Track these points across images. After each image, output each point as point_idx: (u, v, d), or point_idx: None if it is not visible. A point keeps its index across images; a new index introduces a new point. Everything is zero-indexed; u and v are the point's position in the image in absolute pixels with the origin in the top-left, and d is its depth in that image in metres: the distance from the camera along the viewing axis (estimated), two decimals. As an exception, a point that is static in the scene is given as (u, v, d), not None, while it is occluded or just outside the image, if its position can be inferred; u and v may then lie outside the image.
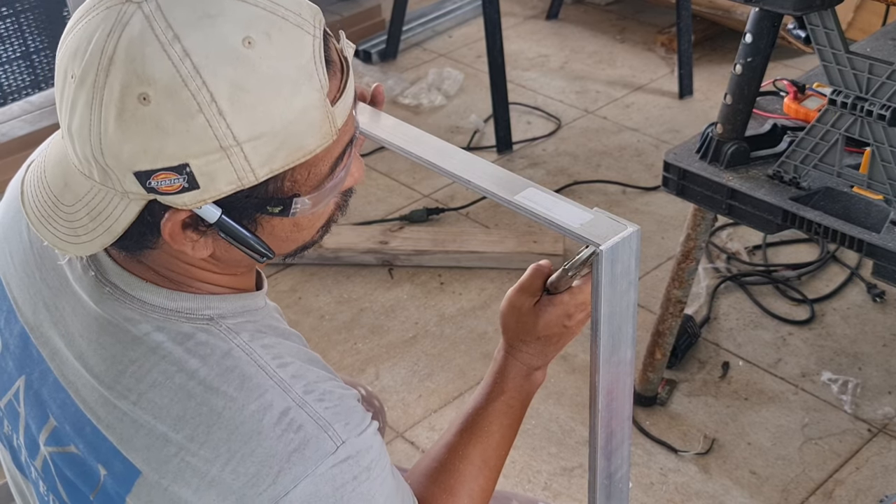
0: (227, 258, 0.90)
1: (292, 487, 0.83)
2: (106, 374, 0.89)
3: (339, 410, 0.88)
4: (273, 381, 0.87)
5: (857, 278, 2.46)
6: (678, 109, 3.23)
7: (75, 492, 0.94)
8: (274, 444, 0.84)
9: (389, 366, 2.29)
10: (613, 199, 2.81)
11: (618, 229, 0.90)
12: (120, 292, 0.90)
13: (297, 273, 2.58)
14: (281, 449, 0.84)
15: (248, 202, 0.83)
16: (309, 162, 0.83)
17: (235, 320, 0.91)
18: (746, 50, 1.71)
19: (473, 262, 2.57)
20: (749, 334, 2.32)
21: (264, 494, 0.83)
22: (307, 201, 0.85)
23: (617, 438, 1.01)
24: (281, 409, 0.85)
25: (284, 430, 0.84)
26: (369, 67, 3.49)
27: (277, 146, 0.80)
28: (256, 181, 0.81)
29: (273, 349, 0.89)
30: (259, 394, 0.86)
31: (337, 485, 0.85)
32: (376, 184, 2.91)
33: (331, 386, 0.90)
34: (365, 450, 0.88)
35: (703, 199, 1.83)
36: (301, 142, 0.81)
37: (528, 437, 2.09)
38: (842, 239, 1.66)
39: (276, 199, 0.84)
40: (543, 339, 1.08)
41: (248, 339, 0.89)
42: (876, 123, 1.59)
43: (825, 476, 1.98)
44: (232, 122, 0.78)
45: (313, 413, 0.86)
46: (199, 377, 0.86)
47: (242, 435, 0.84)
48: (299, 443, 0.84)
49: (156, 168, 0.78)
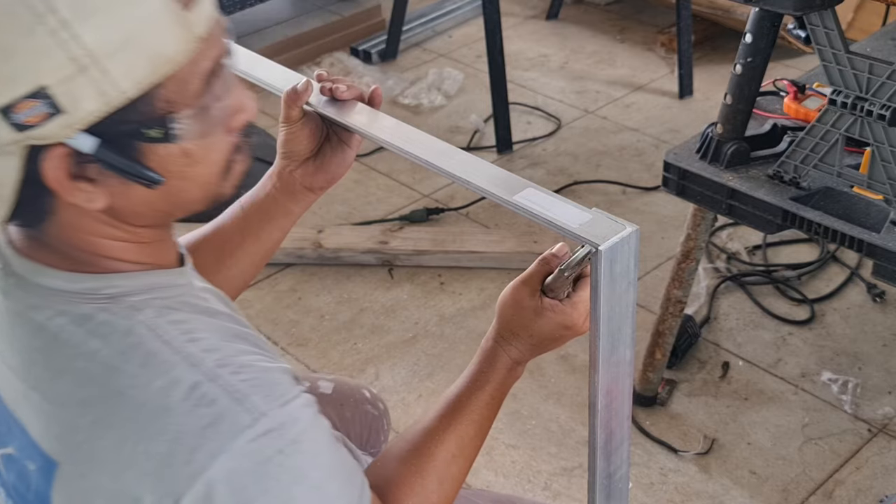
0: (126, 209, 0.87)
1: (210, 464, 0.80)
2: (20, 367, 0.88)
3: (258, 382, 0.84)
4: (180, 357, 0.83)
5: (857, 278, 2.46)
6: (678, 109, 3.23)
7: (20, 494, 0.92)
8: (185, 420, 0.81)
9: (389, 366, 2.29)
10: (613, 199, 2.81)
11: (617, 229, 0.90)
12: (23, 281, 0.88)
13: (297, 273, 2.58)
14: (193, 424, 0.81)
15: (125, 128, 0.81)
16: (177, 76, 0.81)
17: (139, 297, 0.87)
18: (746, 50, 1.71)
19: (473, 262, 2.57)
20: (749, 334, 2.32)
21: (181, 473, 0.80)
22: (187, 121, 0.83)
23: (616, 438, 1.01)
24: (190, 384, 0.82)
25: (195, 405, 0.81)
26: (369, 67, 3.49)
27: (134, 54, 0.78)
28: (124, 97, 0.78)
29: (183, 325, 0.86)
30: (164, 370, 0.82)
31: (259, 460, 0.81)
32: (376, 184, 2.91)
33: (252, 359, 0.86)
34: (290, 422, 0.84)
35: (703, 199, 1.83)
36: (158, 48, 0.79)
37: (528, 437, 2.09)
38: (842, 239, 1.66)
39: (152, 119, 0.81)
40: (537, 340, 1.06)
41: (152, 315, 0.86)
42: (876, 123, 1.59)
43: (825, 476, 1.98)
44: (78, 31, 0.76)
45: (227, 385, 0.82)
46: (99, 358, 0.84)
47: (149, 413, 0.81)
48: (213, 417, 0.81)
49: (15, 98, 0.76)
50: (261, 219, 1.21)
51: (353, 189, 2.88)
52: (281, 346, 2.36)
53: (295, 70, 1.18)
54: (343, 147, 1.19)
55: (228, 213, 1.23)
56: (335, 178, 1.20)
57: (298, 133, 1.15)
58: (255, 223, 1.21)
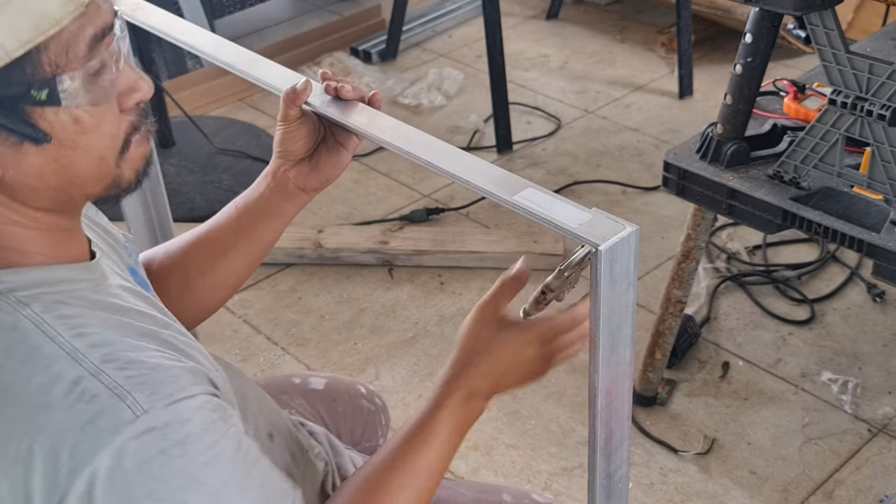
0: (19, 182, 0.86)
1: (89, 460, 0.79)
2: None
3: (144, 380, 0.82)
4: (64, 351, 0.82)
5: (857, 278, 2.46)
6: (678, 109, 3.23)
7: None
8: (64, 417, 0.80)
9: (389, 366, 2.29)
10: (613, 199, 2.81)
11: (616, 229, 0.90)
12: None
13: (297, 273, 2.58)
14: (73, 421, 0.79)
15: (11, 90, 0.81)
16: (62, 38, 0.82)
17: (28, 292, 0.86)
18: (746, 50, 1.71)
19: (473, 262, 2.57)
20: (749, 334, 2.32)
21: (63, 470, 0.79)
22: (74, 85, 0.83)
23: (616, 438, 1.01)
24: (71, 379, 0.81)
25: (75, 401, 0.80)
26: (369, 67, 3.49)
27: (17, 13, 0.79)
28: (7, 57, 0.79)
29: (72, 319, 0.85)
30: (46, 365, 0.81)
31: (140, 460, 0.79)
32: (376, 184, 2.91)
33: (147, 356, 0.84)
34: (177, 422, 0.81)
35: (703, 199, 1.83)
36: (41, 6, 0.80)
37: (528, 437, 2.09)
38: (842, 239, 1.66)
39: (38, 81, 0.81)
40: (495, 364, 1.03)
41: (39, 310, 0.84)
42: (876, 123, 1.59)
43: (825, 476, 1.98)
44: None
45: (109, 382, 0.81)
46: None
47: (31, 409, 0.80)
48: (92, 413, 0.80)
49: None
50: (253, 218, 1.20)
51: (353, 189, 2.88)
52: (281, 346, 2.36)
53: (295, 70, 1.18)
54: (339, 149, 1.19)
55: (223, 212, 1.22)
56: (329, 179, 1.20)
57: (295, 132, 1.15)
58: (247, 222, 1.21)
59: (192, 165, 2.91)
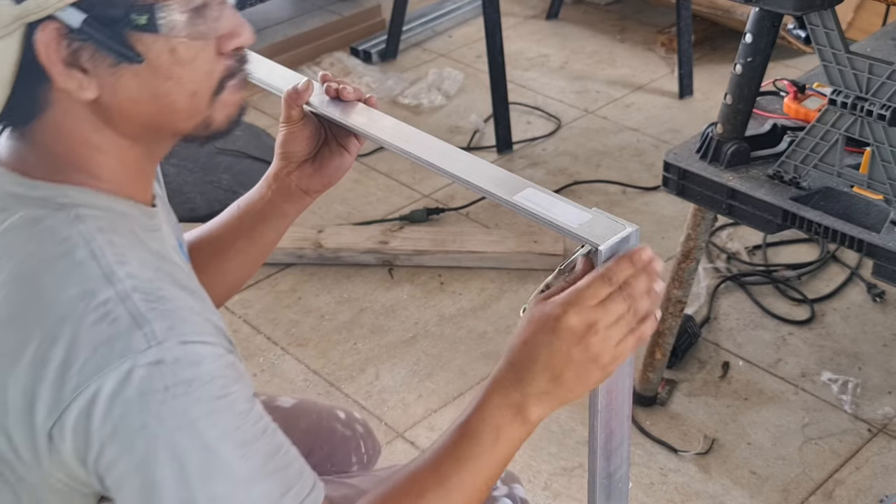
0: (114, 105, 0.89)
1: (96, 380, 0.80)
2: None
3: (166, 314, 0.83)
4: (102, 272, 0.84)
5: (857, 278, 2.46)
6: (678, 109, 3.23)
7: None
8: (85, 332, 0.81)
9: (389, 366, 2.29)
10: (613, 199, 2.81)
11: (616, 229, 0.90)
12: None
13: (297, 273, 2.58)
14: (90, 338, 0.81)
15: (112, 11, 0.84)
16: None
17: (89, 211, 0.89)
18: (746, 50, 1.71)
19: (473, 262, 2.57)
20: (749, 334, 2.32)
21: (70, 383, 0.80)
22: (175, 14, 0.86)
23: (616, 438, 1.01)
24: (101, 299, 0.82)
25: (98, 320, 0.82)
26: (369, 67, 3.49)
27: None
28: None
29: (119, 248, 0.86)
30: (83, 280, 0.83)
31: (143, 389, 0.80)
32: (376, 184, 2.91)
33: (175, 297, 0.85)
34: (187, 362, 0.81)
35: (703, 199, 1.83)
36: None
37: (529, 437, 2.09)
38: (842, 239, 1.66)
39: (139, 6, 0.84)
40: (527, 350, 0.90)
41: (93, 230, 0.87)
42: (876, 123, 1.59)
43: (825, 476, 1.98)
44: None
45: (132, 308, 0.82)
46: (31, 261, 0.85)
47: (57, 318, 0.82)
48: (109, 335, 0.81)
49: None
50: (254, 218, 1.21)
51: (353, 189, 2.88)
52: (281, 346, 2.36)
53: (295, 70, 1.18)
54: (341, 151, 1.19)
55: (224, 213, 1.23)
56: (331, 181, 1.20)
57: (298, 134, 1.16)
58: (248, 222, 1.21)
59: (192, 165, 2.91)
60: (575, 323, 0.88)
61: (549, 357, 0.89)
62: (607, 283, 0.89)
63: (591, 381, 0.91)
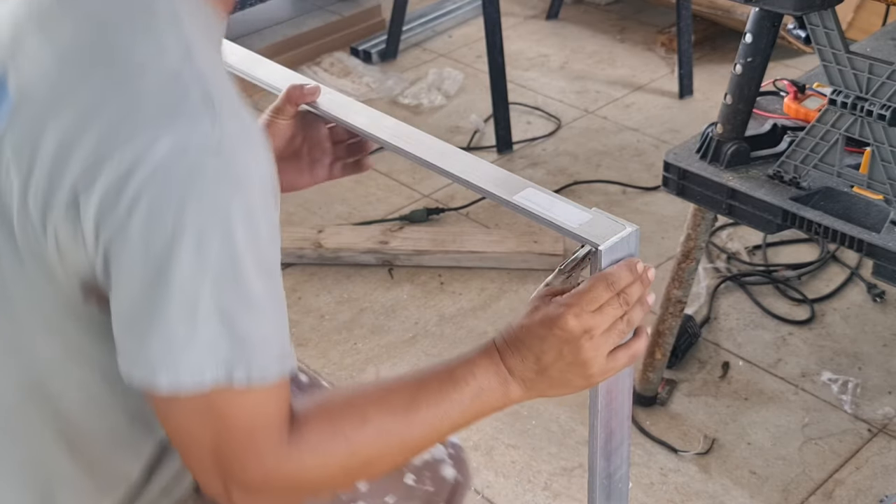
0: None
1: (150, 143, 0.75)
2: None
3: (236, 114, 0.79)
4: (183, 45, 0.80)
5: (857, 278, 2.46)
6: (678, 109, 3.23)
7: None
8: (152, 94, 0.77)
9: (389, 366, 2.29)
10: (613, 199, 2.81)
11: (616, 229, 0.91)
12: None
13: (297, 273, 2.58)
14: (156, 100, 0.77)
15: None
16: None
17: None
18: (746, 50, 1.71)
19: (473, 262, 2.57)
20: (749, 334, 2.32)
21: (117, 140, 0.76)
22: None
23: (616, 438, 1.02)
24: (175, 70, 0.78)
25: (169, 85, 0.78)
26: (369, 67, 3.49)
27: None
28: None
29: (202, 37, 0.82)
30: (159, 50, 0.79)
31: (193, 168, 0.76)
32: (376, 184, 2.91)
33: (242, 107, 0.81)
34: (244, 165, 0.78)
35: (703, 199, 1.83)
36: None
37: (528, 437, 2.09)
38: (842, 239, 1.66)
39: None
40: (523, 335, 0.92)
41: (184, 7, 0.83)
42: (876, 123, 1.59)
43: (825, 476, 1.98)
44: None
45: (206, 90, 0.78)
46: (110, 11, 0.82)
47: (125, 75, 0.78)
48: (178, 104, 0.77)
49: None
50: None
51: (353, 189, 2.88)
52: (281, 346, 2.36)
53: (295, 70, 1.18)
54: (303, 173, 1.19)
55: None
56: (284, 189, 1.18)
57: (278, 126, 1.15)
58: None
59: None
60: (573, 325, 0.90)
61: (540, 348, 0.92)
62: (608, 288, 0.91)
63: (573, 385, 0.93)
